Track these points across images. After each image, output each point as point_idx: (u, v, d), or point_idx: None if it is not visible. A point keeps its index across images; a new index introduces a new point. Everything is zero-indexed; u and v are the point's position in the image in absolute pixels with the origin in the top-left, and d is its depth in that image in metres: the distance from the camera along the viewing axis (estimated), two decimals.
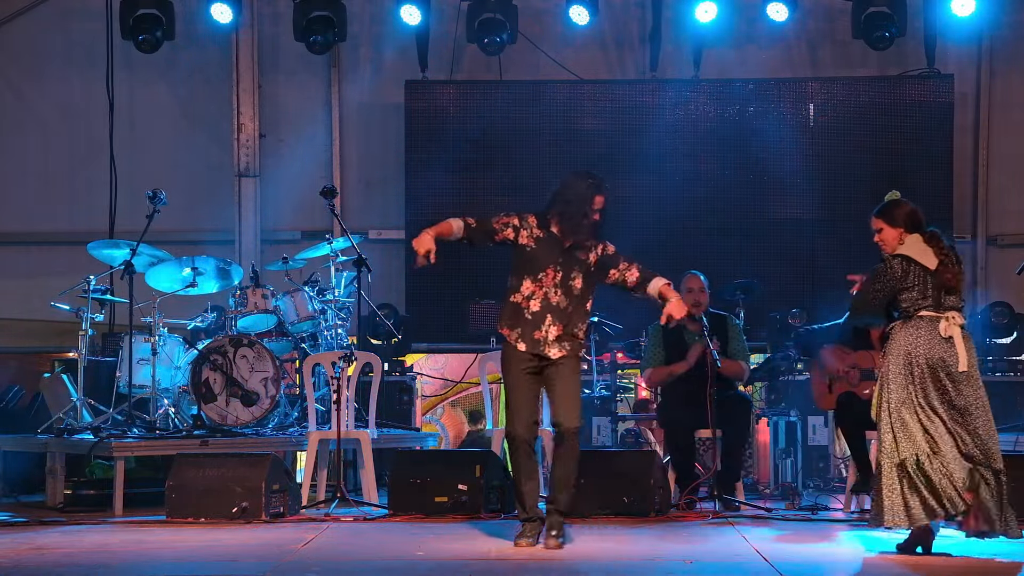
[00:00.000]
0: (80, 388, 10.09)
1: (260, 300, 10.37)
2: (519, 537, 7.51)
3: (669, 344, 9.55)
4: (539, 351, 7.51)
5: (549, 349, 7.51)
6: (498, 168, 12.15)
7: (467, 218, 7.54)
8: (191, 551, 7.49)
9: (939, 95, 12.20)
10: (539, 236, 7.53)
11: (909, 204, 7.32)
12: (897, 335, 7.18)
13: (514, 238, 7.53)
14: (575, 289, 7.54)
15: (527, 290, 7.52)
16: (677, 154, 12.26)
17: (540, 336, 7.50)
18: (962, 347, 7.09)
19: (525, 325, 7.51)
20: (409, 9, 12.08)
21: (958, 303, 7.19)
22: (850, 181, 12.12)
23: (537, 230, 7.54)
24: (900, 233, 7.24)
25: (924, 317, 7.12)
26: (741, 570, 6.86)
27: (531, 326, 7.51)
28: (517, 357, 7.54)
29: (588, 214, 7.47)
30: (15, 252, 12.83)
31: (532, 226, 7.54)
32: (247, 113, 12.70)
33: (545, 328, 7.50)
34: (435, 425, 12.22)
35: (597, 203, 7.50)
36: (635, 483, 8.80)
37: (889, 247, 7.26)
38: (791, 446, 10.21)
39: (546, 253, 7.50)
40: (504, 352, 7.62)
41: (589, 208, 7.47)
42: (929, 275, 7.13)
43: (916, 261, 7.15)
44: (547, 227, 7.55)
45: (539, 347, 7.50)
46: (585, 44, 12.62)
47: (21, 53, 12.83)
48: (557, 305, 7.51)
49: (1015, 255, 11.89)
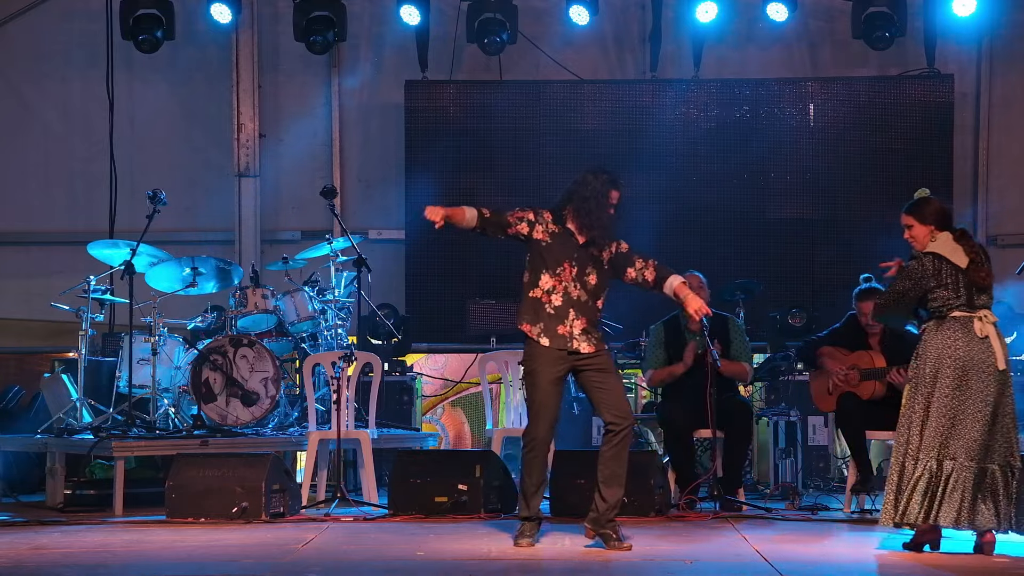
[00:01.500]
0: (80, 388, 10.09)
1: (260, 300, 10.38)
2: (520, 537, 7.49)
3: (670, 345, 9.55)
4: (567, 347, 7.43)
5: (579, 344, 7.44)
6: (498, 168, 12.15)
7: (482, 208, 7.51)
8: (191, 551, 7.49)
9: (939, 95, 12.20)
10: (554, 231, 7.50)
11: (938, 201, 7.30)
12: (931, 337, 7.15)
13: (528, 232, 7.49)
14: (590, 285, 7.52)
15: (547, 284, 7.48)
16: (677, 154, 12.26)
17: (565, 331, 7.43)
18: (999, 346, 7.10)
19: (548, 320, 7.45)
20: (409, 9, 12.08)
21: (989, 302, 7.20)
22: (850, 181, 12.13)
23: (552, 225, 7.51)
24: (931, 230, 7.20)
25: (957, 318, 7.11)
26: (741, 570, 6.86)
27: (555, 321, 7.44)
28: (545, 356, 7.44)
29: (605, 209, 7.45)
30: (15, 252, 12.84)
31: (547, 221, 7.52)
32: (247, 113, 12.70)
33: (569, 323, 7.44)
34: (435, 425, 12.22)
35: (613, 198, 7.47)
36: (635, 483, 8.79)
37: (920, 244, 7.22)
38: (791, 446, 10.21)
39: (562, 248, 7.47)
40: (530, 351, 7.51)
41: (606, 203, 7.45)
42: (960, 273, 7.13)
43: (947, 259, 7.14)
44: (562, 223, 7.52)
45: (567, 343, 7.43)
46: (585, 44, 12.62)
47: (21, 53, 12.83)
48: (578, 299, 7.47)
49: (1015, 255, 11.88)
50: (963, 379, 7.05)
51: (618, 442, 7.40)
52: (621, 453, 7.41)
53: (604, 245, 7.54)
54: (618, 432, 7.40)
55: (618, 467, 7.42)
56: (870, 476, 8.96)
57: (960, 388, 7.05)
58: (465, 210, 7.47)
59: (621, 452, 7.41)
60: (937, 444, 7.04)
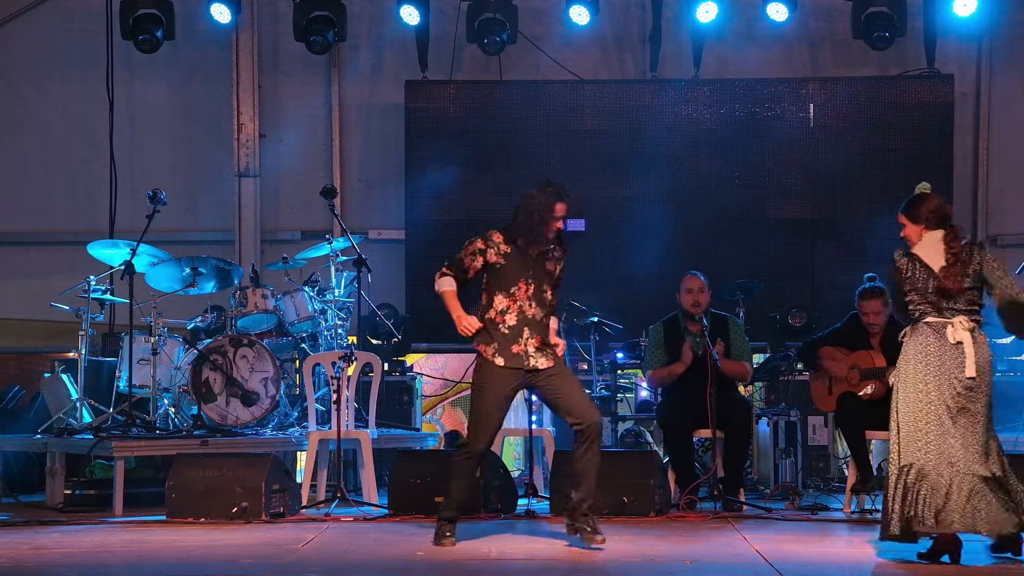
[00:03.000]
0: (80, 388, 10.09)
1: (260, 300, 10.38)
2: (443, 538, 7.51)
3: (670, 345, 9.55)
4: (523, 365, 7.52)
5: (535, 361, 7.53)
6: (498, 168, 12.14)
7: (445, 269, 7.58)
8: (191, 551, 7.49)
9: (939, 95, 12.19)
10: (506, 251, 7.55)
11: (937, 199, 7.15)
12: (906, 343, 7.09)
13: (483, 261, 7.55)
14: (546, 301, 7.59)
15: (500, 304, 7.54)
16: (677, 154, 12.26)
17: (520, 350, 7.52)
18: (971, 352, 6.94)
19: (502, 340, 7.52)
20: (409, 9, 12.08)
21: (967, 306, 7.01)
22: (850, 181, 12.13)
23: (504, 246, 7.55)
24: (921, 230, 7.10)
25: (930, 323, 7.00)
26: (741, 570, 6.86)
27: (508, 340, 7.52)
28: (498, 376, 7.53)
29: (548, 222, 7.46)
30: (15, 252, 12.84)
31: (498, 243, 7.55)
32: (247, 113, 12.70)
33: (524, 341, 7.52)
34: (435, 425, 12.22)
35: (559, 211, 7.49)
36: (635, 483, 8.81)
37: (912, 244, 7.13)
38: (791, 446, 10.21)
39: (516, 267, 7.53)
40: (481, 368, 7.60)
41: (550, 216, 7.46)
42: (932, 277, 7.01)
43: (922, 261, 7.03)
44: (513, 242, 7.56)
45: (522, 361, 7.52)
46: (585, 44, 12.61)
47: (21, 53, 12.83)
48: (533, 317, 7.54)
49: (1015, 255, 11.88)
50: (929, 386, 6.93)
51: (586, 441, 7.48)
52: (591, 450, 7.48)
53: (556, 258, 7.59)
54: (584, 431, 7.48)
55: (589, 464, 7.49)
56: (870, 476, 8.95)
57: (927, 394, 6.93)
58: (446, 286, 7.56)
59: (591, 449, 7.48)
60: (909, 451, 6.95)
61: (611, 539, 7.61)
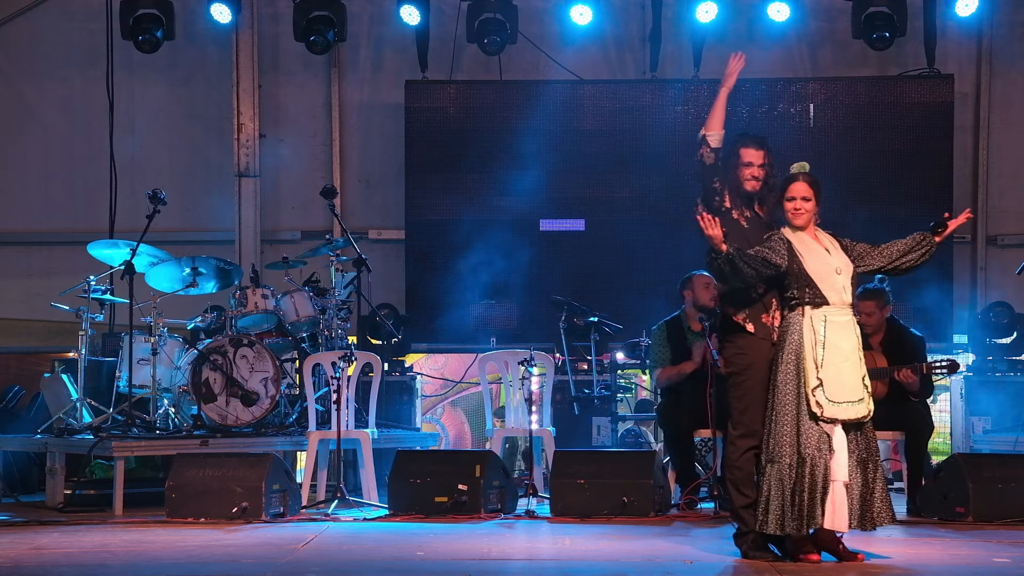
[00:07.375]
0: (80, 388, 10.09)
1: (260, 300, 10.37)
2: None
3: (673, 344, 9.55)
4: (769, 336, 7.12)
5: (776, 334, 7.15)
6: (498, 168, 12.13)
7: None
8: (191, 551, 7.49)
9: (939, 95, 12.18)
10: (748, 216, 7.47)
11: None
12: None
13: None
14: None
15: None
16: (677, 154, 12.22)
17: (768, 321, 7.19)
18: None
19: (753, 306, 7.18)
20: (409, 9, 12.08)
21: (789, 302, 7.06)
22: (850, 181, 12.11)
23: (747, 211, 7.49)
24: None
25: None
26: (741, 570, 6.86)
27: (761, 309, 7.19)
28: (757, 348, 7.12)
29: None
30: (15, 252, 12.83)
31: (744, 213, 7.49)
32: (247, 113, 12.70)
33: (772, 312, 7.18)
34: (435, 425, 12.23)
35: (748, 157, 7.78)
36: (635, 483, 8.81)
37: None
38: None
39: (756, 236, 7.37)
40: (742, 344, 7.17)
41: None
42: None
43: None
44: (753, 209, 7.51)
45: (770, 333, 7.13)
46: (585, 44, 12.60)
47: (21, 53, 12.82)
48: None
49: (1015, 255, 11.88)
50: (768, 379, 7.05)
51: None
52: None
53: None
54: None
55: None
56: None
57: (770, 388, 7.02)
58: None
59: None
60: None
61: (611, 539, 7.63)
